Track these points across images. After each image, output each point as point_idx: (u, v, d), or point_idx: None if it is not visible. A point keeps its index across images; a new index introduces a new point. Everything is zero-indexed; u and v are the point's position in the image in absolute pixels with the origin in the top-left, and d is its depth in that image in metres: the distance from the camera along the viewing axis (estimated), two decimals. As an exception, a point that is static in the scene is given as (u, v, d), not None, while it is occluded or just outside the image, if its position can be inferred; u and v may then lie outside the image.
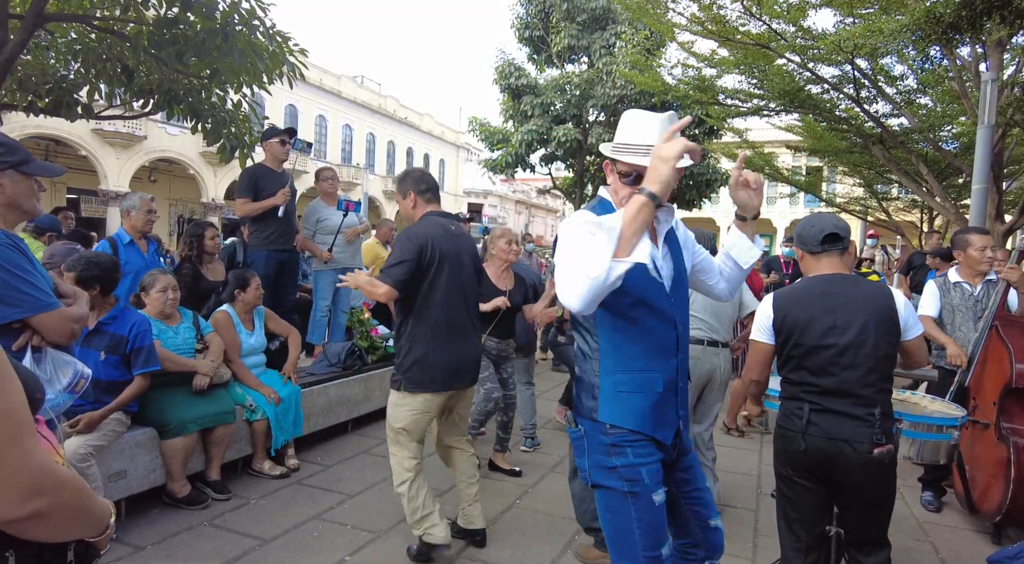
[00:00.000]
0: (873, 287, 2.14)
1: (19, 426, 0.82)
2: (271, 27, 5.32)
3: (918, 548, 3.26)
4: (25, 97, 6.01)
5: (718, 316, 3.44)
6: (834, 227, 2.17)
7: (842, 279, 2.16)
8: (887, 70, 8.97)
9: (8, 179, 1.65)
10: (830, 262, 2.19)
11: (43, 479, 0.84)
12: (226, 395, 3.60)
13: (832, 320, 2.08)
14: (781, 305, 2.20)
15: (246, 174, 4.56)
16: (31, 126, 14.82)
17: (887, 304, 2.07)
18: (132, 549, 2.81)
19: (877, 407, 2.02)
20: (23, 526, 0.85)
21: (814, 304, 2.12)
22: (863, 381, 2.03)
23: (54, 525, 0.89)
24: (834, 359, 2.05)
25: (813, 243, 2.20)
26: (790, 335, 2.14)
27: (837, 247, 2.18)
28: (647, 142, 1.64)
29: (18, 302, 1.58)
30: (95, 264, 2.93)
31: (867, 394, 2.02)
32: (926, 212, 15.63)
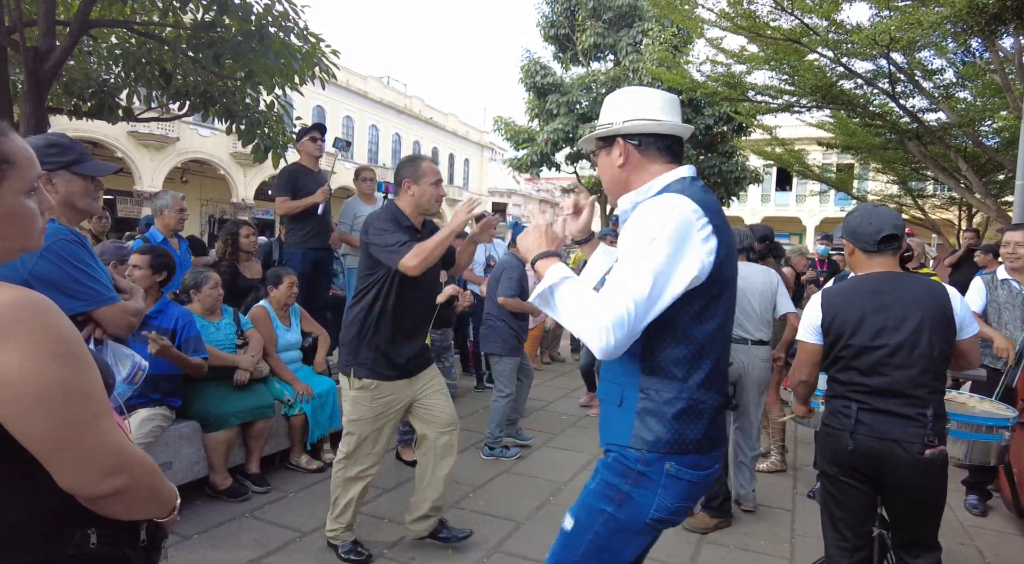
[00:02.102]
0: (927, 285, 2.07)
1: (100, 406, 0.87)
2: (304, 28, 5.42)
3: (963, 552, 3.19)
4: (70, 101, 6.22)
5: (744, 314, 3.44)
6: (893, 227, 2.08)
7: (893, 277, 2.09)
8: (924, 64, 8.76)
9: (61, 179, 1.71)
10: (883, 261, 2.11)
11: (121, 458, 0.89)
12: (265, 390, 3.68)
13: (883, 319, 2.02)
14: (830, 305, 2.14)
15: (284, 173, 4.65)
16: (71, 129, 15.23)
17: (942, 302, 2.01)
18: (179, 538, 2.89)
19: (929, 408, 1.97)
20: (104, 503, 0.89)
21: (864, 303, 2.06)
22: (916, 381, 1.97)
23: (130, 503, 0.93)
24: (885, 359, 2.00)
25: (868, 242, 2.11)
26: (840, 335, 2.09)
27: (892, 247, 2.10)
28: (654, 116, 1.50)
29: (82, 295, 1.64)
30: (166, 254, 3.12)
31: (920, 394, 1.97)
32: (964, 209, 15.22)
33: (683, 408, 1.39)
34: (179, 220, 4.13)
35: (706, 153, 15.71)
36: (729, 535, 3.25)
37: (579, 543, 1.47)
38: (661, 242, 1.29)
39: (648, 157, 1.50)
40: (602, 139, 1.55)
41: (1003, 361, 3.38)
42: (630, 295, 1.25)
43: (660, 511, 1.41)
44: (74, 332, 0.86)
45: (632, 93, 1.54)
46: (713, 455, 1.45)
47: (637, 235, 1.33)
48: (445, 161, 35.08)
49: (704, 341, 1.39)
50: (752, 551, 3.08)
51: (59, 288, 1.62)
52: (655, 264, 1.28)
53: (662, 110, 1.50)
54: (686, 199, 1.35)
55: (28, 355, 0.79)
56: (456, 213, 2.65)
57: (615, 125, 1.51)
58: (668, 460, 1.39)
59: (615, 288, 1.27)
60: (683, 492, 1.41)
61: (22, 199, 0.91)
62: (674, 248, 1.29)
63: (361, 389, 2.66)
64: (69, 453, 0.83)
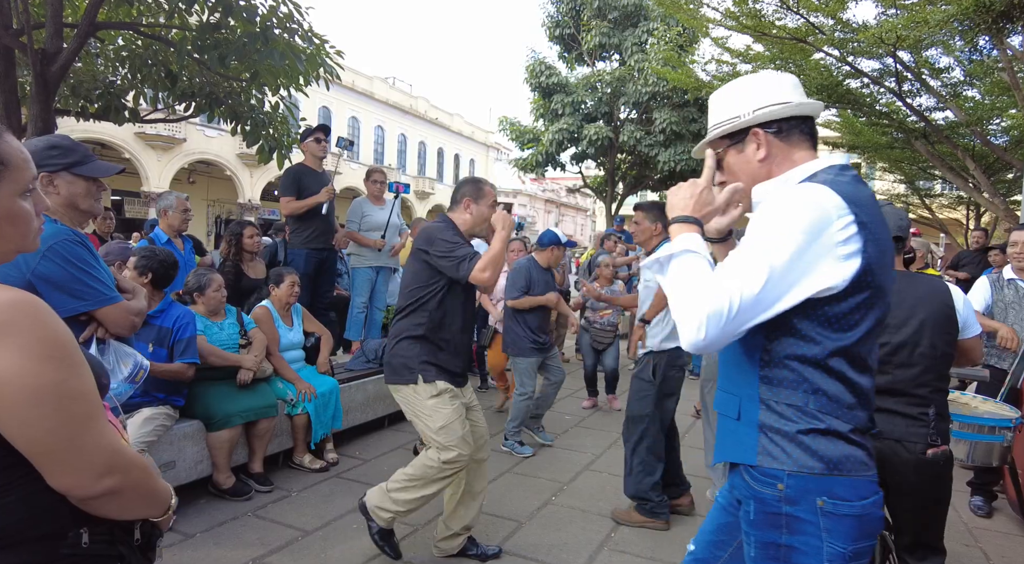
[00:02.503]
0: (930, 284, 2.08)
1: (92, 407, 0.88)
2: (308, 30, 5.44)
3: (968, 554, 3.17)
4: (77, 102, 6.26)
5: None
6: (898, 229, 2.07)
7: (897, 276, 2.09)
8: (931, 62, 8.70)
9: (63, 180, 1.72)
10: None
11: (115, 458, 0.89)
12: (268, 389, 3.69)
13: (888, 317, 2.02)
14: None
15: (289, 173, 4.67)
16: (79, 130, 15.40)
17: (944, 301, 2.01)
18: (182, 536, 2.91)
19: (932, 407, 1.97)
20: (97, 503, 0.90)
21: None
22: (917, 380, 1.98)
23: (124, 503, 0.94)
24: (887, 357, 2.00)
25: None
26: None
27: (896, 248, 2.10)
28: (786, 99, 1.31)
29: (85, 295, 1.66)
30: (154, 255, 3.08)
31: (921, 393, 1.97)
32: (972, 209, 15.11)
33: (812, 426, 1.17)
34: (183, 220, 4.15)
35: (712, 153, 15.64)
36: (731, 536, 3.23)
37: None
38: (788, 237, 1.10)
39: (791, 144, 1.30)
40: (729, 136, 1.34)
41: (1009, 361, 3.36)
42: (737, 290, 1.09)
43: (834, 559, 1.14)
44: (67, 333, 0.86)
45: (754, 79, 1.36)
46: (866, 478, 1.18)
47: (762, 225, 1.15)
48: (450, 161, 35.13)
49: (840, 353, 1.17)
50: (754, 552, 3.07)
51: (62, 288, 1.64)
52: (776, 261, 1.09)
53: (793, 90, 1.31)
54: (828, 190, 1.15)
55: (21, 357, 0.79)
56: (499, 221, 2.66)
57: (744, 116, 1.31)
58: (817, 495, 1.15)
59: (725, 278, 1.11)
60: (854, 532, 1.15)
61: (17, 201, 0.92)
62: (802, 247, 1.10)
63: (439, 394, 2.60)
64: (62, 454, 0.84)
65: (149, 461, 2.80)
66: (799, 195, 1.15)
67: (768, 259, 1.10)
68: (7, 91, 5.10)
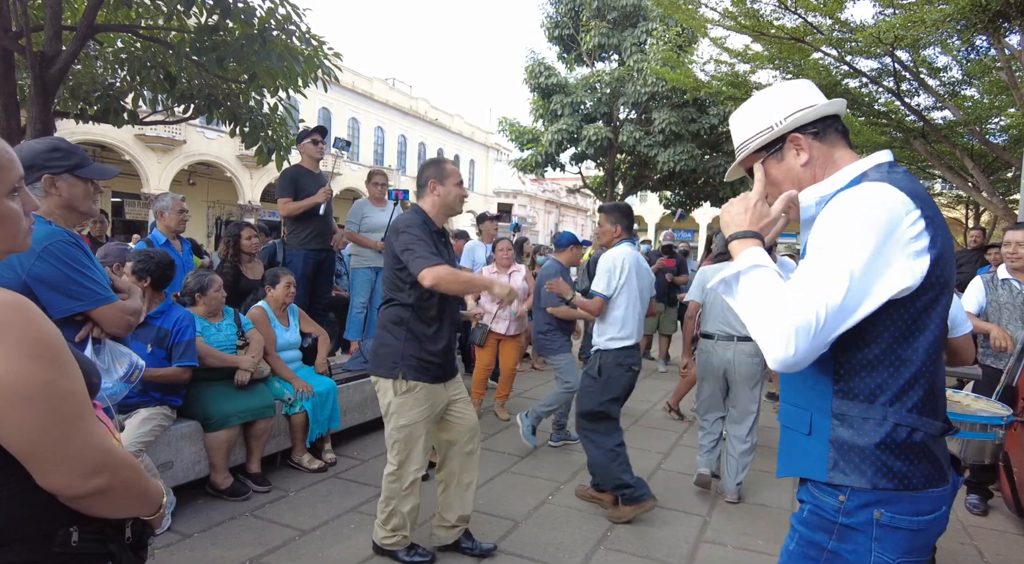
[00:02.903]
0: None
1: (81, 407, 0.88)
2: (306, 31, 5.46)
3: (963, 552, 3.17)
4: (76, 105, 6.28)
5: (732, 313, 3.55)
6: None
7: None
8: (929, 62, 8.71)
9: (65, 182, 1.75)
10: None
11: (104, 457, 0.90)
12: (266, 390, 3.71)
13: None
14: None
15: (286, 175, 4.69)
16: (79, 132, 15.44)
17: None
18: (180, 536, 2.92)
19: None
20: (86, 502, 0.90)
21: None
22: None
23: (114, 502, 0.94)
24: None
25: None
26: None
27: None
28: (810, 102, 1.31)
29: (80, 296, 1.67)
30: (150, 257, 3.08)
31: None
32: (971, 208, 15.11)
33: (889, 439, 1.14)
34: (180, 222, 4.16)
35: (711, 153, 15.67)
36: (728, 535, 3.25)
37: None
38: (862, 240, 1.08)
39: (830, 144, 1.28)
40: (765, 148, 1.32)
41: (1005, 360, 3.36)
42: (822, 299, 1.05)
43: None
44: (55, 333, 0.87)
45: (777, 90, 1.34)
46: (933, 494, 1.16)
47: (831, 230, 1.11)
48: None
49: (914, 357, 1.15)
50: (751, 551, 3.09)
51: (57, 288, 1.65)
52: (854, 265, 1.07)
53: (815, 93, 1.31)
54: (891, 188, 1.12)
55: (7, 358, 0.79)
56: (492, 283, 2.73)
57: (778, 125, 1.29)
58: (876, 507, 1.14)
59: (805, 290, 1.07)
60: (904, 544, 1.14)
61: (4, 201, 0.92)
62: (877, 248, 1.08)
63: (408, 392, 2.65)
64: (51, 454, 0.84)
65: (147, 461, 2.84)
66: (864, 195, 1.12)
67: (846, 264, 1.07)
68: (6, 93, 5.12)
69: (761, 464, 4.35)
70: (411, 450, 2.67)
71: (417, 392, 2.65)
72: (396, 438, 2.67)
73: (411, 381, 2.64)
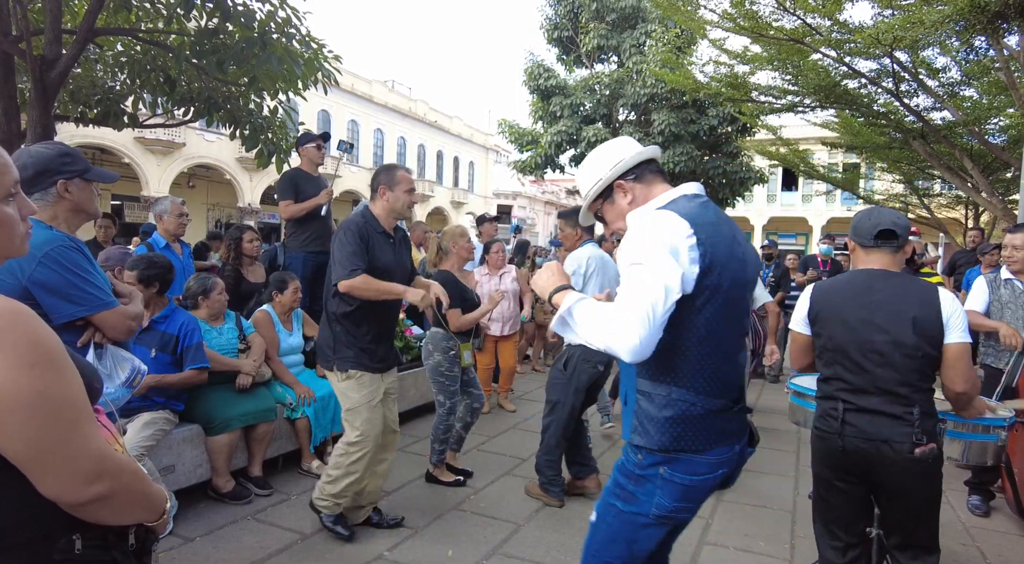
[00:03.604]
0: (919, 286, 2.05)
1: (79, 413, 0.87)
2: (306, 34, 5.46)
3: (965, 553, 3.17)
4: (76, 108, 6.28)
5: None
6: (891, 223, 2.07)
7: (886, 275, 2.08)
8: (928, 62, 8.71)
9: (75, 186, 1.77)
10: (880, 258, 2.10)
11: (103, 464, 0.89)
12: (267, 393, 3.71)
13: (868, 315, 2.01)
14: (818, 297, 2.17)
15: (286, 178, 4.68)
16: (79, 136, 15.44)
17: (933, 304, 1.98)
18: (182, 540, 2.92)
19: (916, 406, 1.95)
20: (87, 509, 0.90)
21: (853, 298, 2.07)
22: (900, 380, 1.96)
23: (115, 508, 0.93)
24: (869, 355, 1.99)
25: (866, 236, 2.12)
26: (824, 327, 2.11)
27: (890, 244, 2.09)
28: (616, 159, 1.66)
29: (82, 301, 1.67)
30: (155, 263, 3.09)
31: (903, 392, 1.95)
32: (971, 208, 15.12)
33: (674, 412, 1.49)
34: (179, 225, 4.15)
35: (711, 154, 15.68)
36: (729, 536, 3.25)
37: (598, 533, 1.66)
38: (658, 253, 1.40)
39: (649, 183, 1.63)
40: (601, 195, 1.68)
41: (1005, 360, 3.37)
42: (647, 297, 1.35)
43: (660, 509, 1.54)
44: (52, 339, 0.86)
45: (601, 149, 1.71)
46: (712, 458, 1.51)
47: (636, 247, 1.43)
48: (450, 164, 35.17)
49: (695, 346, 1.47)
50: (752, 552, 3.08)
51: (59, 294, 1.65)
52: (659, 270, 1.38)
53: (629, 146, 1.67)
54: (674, 214, 1.46)
55: (3, 365, 0.79)
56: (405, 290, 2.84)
57: (605, 177, 1.64)
58: (662, 466, 1.51)
59: (633, 293, 1.37)
60: (679, 494, 1.52)
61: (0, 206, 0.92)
62: (668, 257, 1.40)
63: (349, 379, 2.88)
64: (50, 461, 0.83)
65: (149, 465, 2.83)
66: (656, 221, 1.46)
67: (655, 269, 1.38)
68: (6, 97, 5.12)
69: (763, 465, 4.35)
70: (358, 431, 2.88)
71: (358, 379, 2.88)
72: (346, 419, 2.93)
73: (350, 371, 2.87)
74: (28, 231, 0.99)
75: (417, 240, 6.67)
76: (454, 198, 34.74)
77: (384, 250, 2.89)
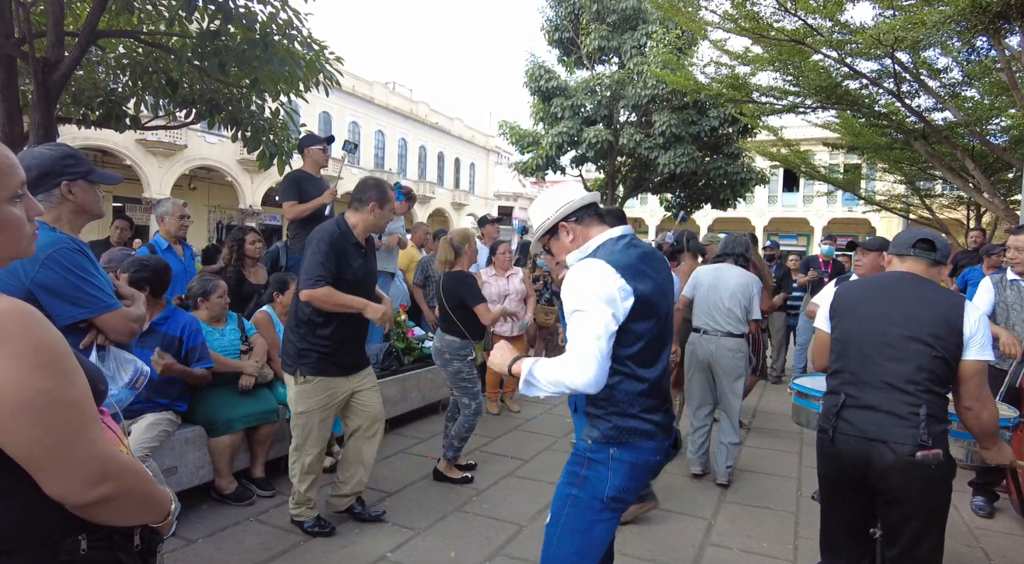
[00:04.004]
0: (945, 292, 2.00)
1: (84, 415, 0.87)
2: (308, 36, 5.47)
3: (969, 554, 3.16)
4: (79, 110, 6.29)
5: (716, 309, 3.95)
6: (932, 236, 2.06)
7: (915, 278, 2.04)
8: (930, 63, 8.70)
9: (79, 188, 1.78)
10: (913, 265, 2.07)
11: (108, 465, 0.89)
12: (269, 395, 3.70)
13: (886, 308, 1.98)
14: (842, 291, 2.16)
15: (289, 179, 4.68)
16: (80, 138, 15.47)
17: (957, 312, 1.92)
18: (184, 542, 2.92)
19: (923, 406, 1.87)
20: (92, 510, 0.90)
21: (874, 293, 2.05)
22: (910, 378, 1.89)
23: (120, 509, 0.93)
24: (880, 348, 1.95)
25: (903, 245, 2.10)
26: (841, 319, 2.08)
27: (927, 254, 2.05)
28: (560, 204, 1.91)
29: (84, 303, 1.67)
30: (146, 266, 3.07)
31: (911, 390, 1.89)
32: (973, 209, 15.10)
33: (618, 411, 1.75)
34: (180, 226, 4.15)
35: (712, 155, 15.68)
36: (733, 537, 3.24)
37: (555, 529, 1.80)
38: (594, 300, 1.66)
39: (587, 225, 1.89)
40: (548, 232, 1.95)
41: (1008, 362, 3.36)
42: (593, 340, 1.61)
43: (612, 489, 1.74)
44: (59, 341, 0.86)
45: (548, 194, 1.97)
46: (652, 446, 1.77)
47: (575, 296, 1.70)
48: (451, 165, 35.18)
49: (630, 361, 1.72)
50: (755, 553, 3.08)
51: (62, 296, 1.65)
52: (597, 314, 1.64)
53: (574, 191, 1.94)
54: (604, 264, 1.71)
55: (10, 366, 0.79)
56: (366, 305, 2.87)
57: (552, 217, 1.91)
58: (612, 447, 1.75)
59: (579, 338, 1.64)
60: (628, 473, 1.76)
61: (5, 207, 0.92)
62: (603, 303, 1.65)
63: (305, 383, 2.93)
64: (55, 462, 0.84)
65: (153, 466, 2.83)
66: (589, 272, 1.71)
67: (595, 313, 1.64)
68: (9, 100, 5.13)
69: (765, 466, 4.34)
70: (308, 434, 2.96)
71: (316, 384, 2.93)
72: (295, 423, 2.99)
73: (309, 376, 2.92)
74: (35, 232, 0.99)
75: (419, 241, 6.67)
76: (455, 199, 34.75)
77: (355, 261, 2.94)
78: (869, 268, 3.60)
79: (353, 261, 2.92)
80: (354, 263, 2.93)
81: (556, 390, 1.66)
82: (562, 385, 1.63)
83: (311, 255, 2.83)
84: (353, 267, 2.92)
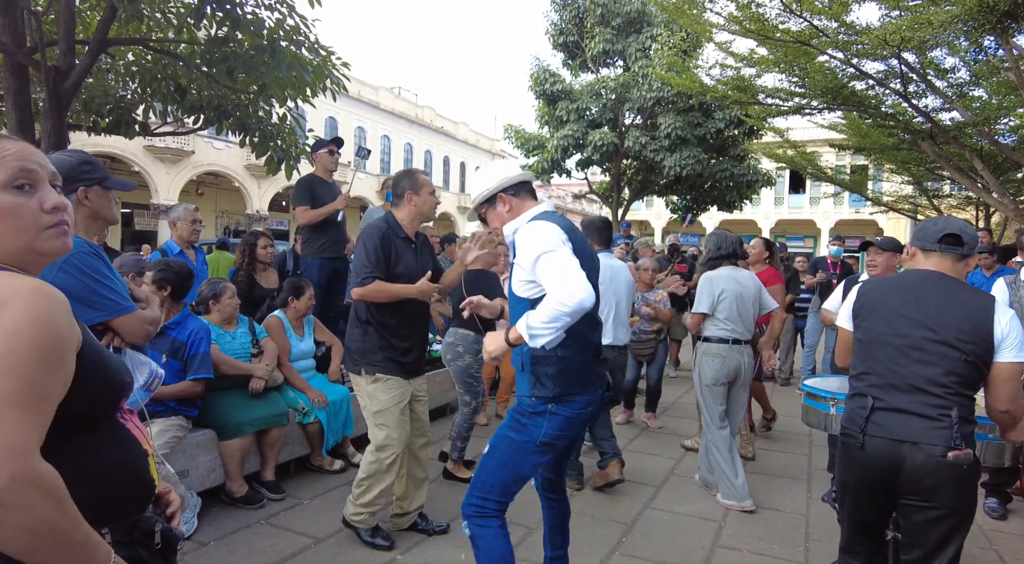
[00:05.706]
0: (973, 293, 1.93)
1: (19, 395, 0.78)
2: (315, 42, 5.51)
3: (982, 556, 3.14)
4: (89, 117, 6.36)
5: (742, 318, 3.78)
6: (959, 230, 1.95)
7: (942, 277, 1.95)
8: (937, 63, 8.66)
9: (95, 193, 1.80)
10: (939, 262, 1.98)
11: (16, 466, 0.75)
12: (279, 398, 3.72)
13: (915, 311, 1.91)
14: (866, 290, 2.09)
15: (302, 184, 4.70)
16: (90, 144, 15.59)
17: (987, 312, 1.87)
18: (196, 545, 2.94)
19: (954, 408, 1.82)
20: None
21: (899, 293, 1.97)
22: (938, 381, 1.83)
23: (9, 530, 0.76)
24: (909, 351, 1.88)
25: (929, 239, 1.99)
26: (865, 319, 2.01)
27: (953, 250, 1.95)
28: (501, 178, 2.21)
29: (100, 306, 1.69)
30: (171, 267, 3.12)
31: (939, 393, 1.83)
32: (982, 209, 15.00)
33: (557, 369, 2.05)
34: (192, 231, 4.19)
35: (718, 157, 15.65)
36: (743, 539, 3.23)
37: (491, 461, 2.16)
38: (557, 242, 1.94)
39: (522, 199, 2.18)
40: (487, 201, 2.20)
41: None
42: (571, 264, 1.88)
43: (546, 437, 2.07)
44: (65, 334, 0.85)
45: (494, 166, 2.25)
46: (584, 398, 2.10)
47: (539, 243, 1.94)
48: (456, 169, 35.26)
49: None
50: (766, 555, 3.06)
51: (78, 299, 1.67)
52: (564, 250, 1.92)
53: (515, 168, 2.21)
54: (552, 224, 2.02)
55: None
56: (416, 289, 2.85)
57: (492, 187, 2.17)
58: (551, 402, 2.06)
59: (559, 268, 1.88)
60: (562, 424, 2.08)
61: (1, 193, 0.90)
62: (563, 243, 1.94)
63: (375, 383, 2.90)
64: None
65: (167, 470, 2.85)
66: (544, 227, 2.00)
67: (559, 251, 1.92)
68: (21, 107, 5.19)
69: (775, 469, 4.33)
70: (388, 433, 2.88)
71: (387, 382, 2.90)
72: (373, 423, 2.93)
73: (377, 374, 2.88)
74: (60, 228, 0.97)
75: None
76: (461, 203, 34.82)
77: (406, 256, 2.90)
78: (884, 268, 3.58)
79: (404, 257, 2.89)
80: (405, 259, 2.90)
81: (558, 324, 1.82)
82: (561, 314, 1.80)
83: (359, 254, 2.83)
84: (404, 261, 2.89)
